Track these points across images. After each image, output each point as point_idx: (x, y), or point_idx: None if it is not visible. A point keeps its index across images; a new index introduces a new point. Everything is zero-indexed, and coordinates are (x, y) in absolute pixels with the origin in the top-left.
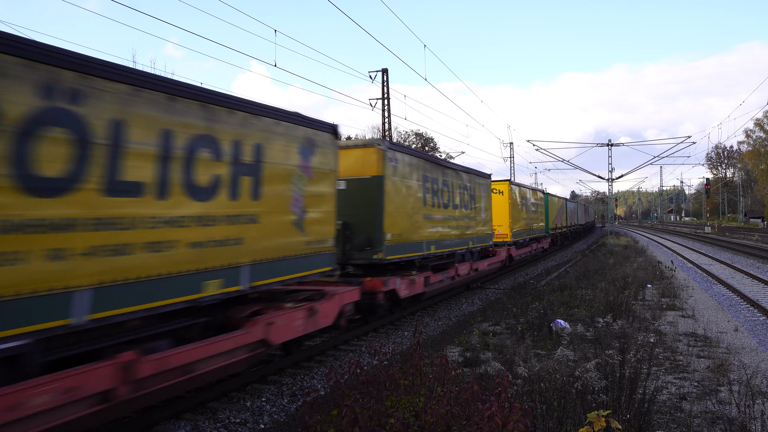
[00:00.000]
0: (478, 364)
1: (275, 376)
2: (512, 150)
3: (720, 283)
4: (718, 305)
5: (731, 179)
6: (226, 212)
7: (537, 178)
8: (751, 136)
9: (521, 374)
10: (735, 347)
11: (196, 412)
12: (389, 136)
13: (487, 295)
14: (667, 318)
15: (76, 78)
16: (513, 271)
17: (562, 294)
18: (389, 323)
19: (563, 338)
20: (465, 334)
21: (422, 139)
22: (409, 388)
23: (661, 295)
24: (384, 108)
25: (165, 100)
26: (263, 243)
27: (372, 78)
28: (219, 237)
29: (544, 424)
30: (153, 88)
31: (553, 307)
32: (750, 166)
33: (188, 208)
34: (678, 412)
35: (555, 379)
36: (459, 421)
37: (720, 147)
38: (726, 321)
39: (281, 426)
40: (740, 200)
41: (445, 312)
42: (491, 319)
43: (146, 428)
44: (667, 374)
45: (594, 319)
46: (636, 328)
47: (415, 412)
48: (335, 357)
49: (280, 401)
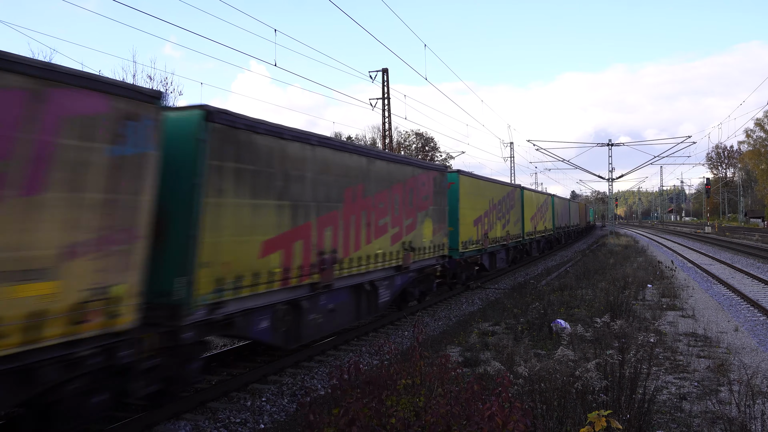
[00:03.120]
0: (478, 363)
1: (275, 376)
2: (512, 150)
3: (720, 283)
4: (719, 305)
5: (731, 179)
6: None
7: (537, 178)
8: (752, 136)
9: (521, 374)
10: (735, 347)
11: (196, 412)
12: (389, 136)
13: (487, 295)
14: (667, 318)
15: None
16: (513, 271)
17: (562, 294)
18: (389, 323)
19: (563, 338)
20: (465, 334)
21: (422, 139)
22: (409, 388)
23: (662, 295)
24: (384, 108)
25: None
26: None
27: (372, 78)
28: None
29: (544, 423)
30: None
31: (553, 306)
32: (750, 166)
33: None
34: (678, 412)
35: (555, 379)
36: (459, 421)
37: (720, 147)
38: (726, 321)
39: (281, 426)
40: (740, 200)
41: (445, 312)
42: (491, 319)
43: (146, 428)
44: (667, 374)
45: (594, 319)
46: (636, 328)
47: (416, 411)
48: (335, 357)
49: (280, 401)
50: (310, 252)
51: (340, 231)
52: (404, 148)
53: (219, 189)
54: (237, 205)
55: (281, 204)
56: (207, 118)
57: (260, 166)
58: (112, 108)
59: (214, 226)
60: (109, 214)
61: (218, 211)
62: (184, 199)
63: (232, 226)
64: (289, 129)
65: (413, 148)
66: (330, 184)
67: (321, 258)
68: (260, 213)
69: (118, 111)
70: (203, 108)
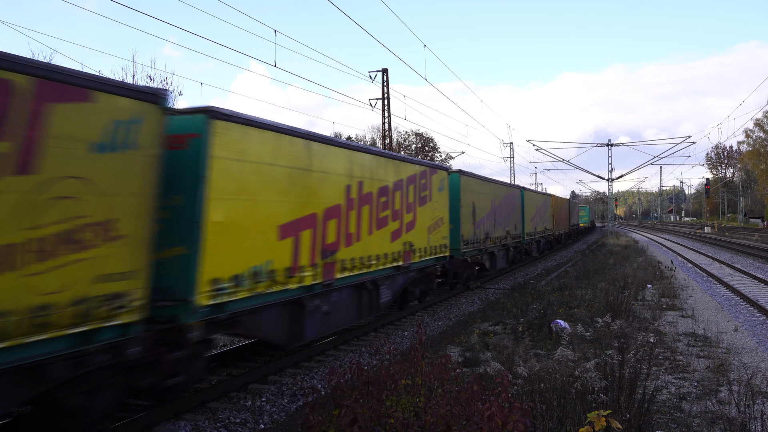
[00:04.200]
0: (478, 364)
1: (275, 376)
2: (512, 150)
3: (720, 283)
4: (718, 305)
5: (731, 179)
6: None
7: (537, 178)
8: (751, 136)
9: (521, 374)
10: (735, 347)
11: (196, 412)
12: (389, 136)
13: (487, 295)
14: (666, 318)
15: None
16: (513, 271)
17: (562, 294)
18: (389, 323)
19: (563, 338)
20: (465, 334)
21: (422, 139)
22: (409, 388)
23: (661, 295)
24: (384, 108)
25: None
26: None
27: (372, 78)
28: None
29: (544, 423)
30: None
31: (553, 307)
32: (750, 166)
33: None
34: (678, 412)
35: (555, 379)
36: (459, 421)
37: (720, 147)
38: (726, 321)
39: (281, 426)
40: (740, 200)
41: (445, 312)
42: (491, 319)
43: (146, 428)
44: (666, 374)
45: (594, 319)
46: (636, 328)
47: (416, 411)
48: (335, 357)
49: (280, 401)
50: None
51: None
52: (404, 149)
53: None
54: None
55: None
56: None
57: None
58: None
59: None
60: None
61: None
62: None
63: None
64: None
65: (413, 149)
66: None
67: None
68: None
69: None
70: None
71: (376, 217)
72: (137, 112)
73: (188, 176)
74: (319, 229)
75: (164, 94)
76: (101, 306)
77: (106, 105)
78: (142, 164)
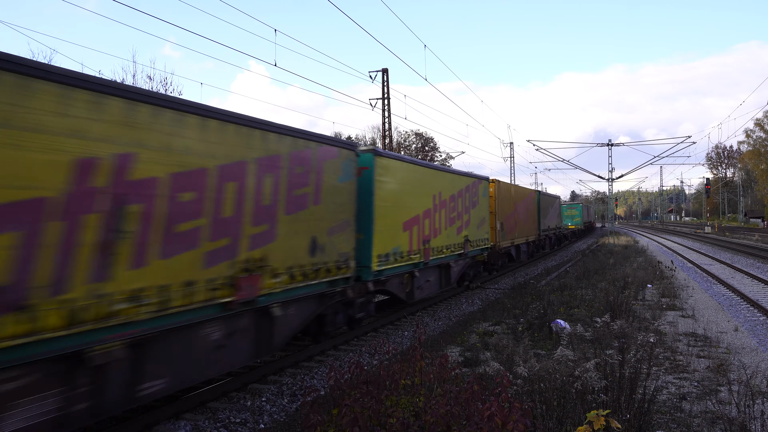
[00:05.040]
0: (477, 364)
1: (275, 376)
2: (512, 150)
3: (720, 283)
4: (718, 305)
5: (731, 179)
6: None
7: (537, 178)
8: (751, 136)
9: (521, 374)
10: (735, 347)
11: (196, 411)
12: (389, 136)
13: (487, 295)
14: (667, 318)
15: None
16: (513, 271)
17: (562, 294)
18: (389, 323)
19: (563, 338)
20: (465, 334)
21: (422, 139)
22: (409, 388)
23: (661, 295)
24: (384, 108)
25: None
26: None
27: (372, 78)
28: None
29: (543, 423)
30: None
31: (553, 307)
32: (750, 166)
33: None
34: (678, 412)
35: (555, 379)
36: (459, 421)
37: (720, 147)
38: (726, 321)
39: (281, 426)
40: (740, 200)
41: (445, 312)
42: (491, 319)
43: (146, 428)
44: (667, 374)
45: (594, 319)
46: (636, 328)
47: (415, 411)
48: (335, 357)
49: (280, 401)
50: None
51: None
52: (404, 148)
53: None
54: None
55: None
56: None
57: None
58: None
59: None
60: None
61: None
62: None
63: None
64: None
65: (413, 148)
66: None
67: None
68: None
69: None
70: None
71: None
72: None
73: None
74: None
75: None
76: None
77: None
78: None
